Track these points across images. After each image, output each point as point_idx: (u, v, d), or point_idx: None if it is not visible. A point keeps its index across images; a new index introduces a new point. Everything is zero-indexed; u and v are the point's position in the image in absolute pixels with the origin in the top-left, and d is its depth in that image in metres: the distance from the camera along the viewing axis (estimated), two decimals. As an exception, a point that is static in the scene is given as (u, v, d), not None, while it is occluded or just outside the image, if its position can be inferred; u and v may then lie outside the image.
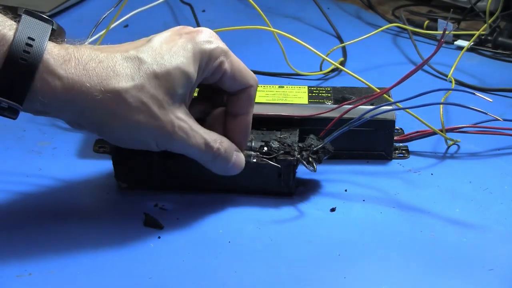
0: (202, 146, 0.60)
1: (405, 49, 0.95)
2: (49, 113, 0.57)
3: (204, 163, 0.62)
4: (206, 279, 0.57)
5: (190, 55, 0.58)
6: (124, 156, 0.65)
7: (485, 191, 0.67)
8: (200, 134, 0.60)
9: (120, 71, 0.56)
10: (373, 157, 0.71)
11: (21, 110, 0.55)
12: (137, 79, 0.56)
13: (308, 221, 0.63)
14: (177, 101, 0.58)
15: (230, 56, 0.61)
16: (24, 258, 0.58)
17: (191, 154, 0.60)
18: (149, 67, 0.57)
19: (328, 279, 0.57)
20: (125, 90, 0.56)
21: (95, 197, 0.66)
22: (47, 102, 0.55)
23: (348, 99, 0.71)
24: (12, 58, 0.53)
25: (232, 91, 0.62)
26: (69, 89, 0.55)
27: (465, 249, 0.60)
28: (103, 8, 0.80)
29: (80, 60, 0.55)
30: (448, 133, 0.72)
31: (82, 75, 0.55)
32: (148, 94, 0.57)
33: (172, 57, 0.58)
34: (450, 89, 0.79)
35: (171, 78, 0.57)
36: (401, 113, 0.71)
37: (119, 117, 0.56)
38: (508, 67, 0.90)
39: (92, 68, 0.56)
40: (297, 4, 1.07)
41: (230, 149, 0.62)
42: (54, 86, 0.54)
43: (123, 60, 0.57)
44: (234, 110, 0.63)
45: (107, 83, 0.56)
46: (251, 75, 0.62)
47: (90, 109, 0.56)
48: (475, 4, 0.98)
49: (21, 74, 0.53)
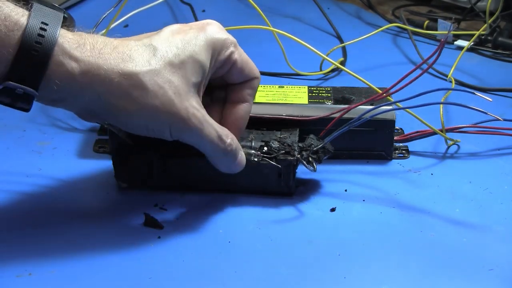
0: (215, 138, 0.60)
1: (405, 49, 0.95)
2: (64, 100, 0.56)
3: (213, 158, 0.61)
4: (206, 279, 0.57)
5: (202, 44, 0.59)
6: (124, 156, 0.65)
7: (485, 191, 0.67)
8: (213, 126, 0.60)
9: (136, 56, 0.56)
10: (373, 157, 0.71)
11: (36, 98, 0.55)
12: (154, 64, 0.57)
13: (308, 221, 0.63)
14: (191, 89, 0.58)
15: (238, 48, 0.62)
16: (24, 258, 0.58)
17: (203, 145, 0.60)
18: (164, 54, 0.57)
19: (328, 279, 0.57)
20: (142, 74, 0.56)
21: (95, 197, 0.66)
22: (63, 87, 0.54)
23: (348, 99, 0.71)
24: (27, 43, 0.53)
25: (237, 82, 0.63)
26: (86, 72, 0.55)
27: (465, 249, 0.60)
28: (103, 8, 0.80)
29: (95, 45, 0.56)
30: (448, 133, 0.72)
31: (98, 58, 0.55)
32: (165, 79, 0.57)
33: (185, 46, 0.58)
34: (450, 89, 0.79)
35: (185, 66, 0.58)
36: (401, 113, 0.71)
37: (136, 101, 0.56)
38: (508, 67, 0.90)
39: (107, 53, 0.56)
40: (297, 4, 1.07)
41: (238, 146, 0.62)
42: (70, 69, 0.54)
43: (138, 47, 0.57)
44: (236, 98, 0.63)
45: (124, 65, 0.56)
46: (256, 67, 0.63)
47: (107, 93, 0.55)
48: (475, 4, 0.98)
49: (35, 59, 0.53)
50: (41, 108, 0.78)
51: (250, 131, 0.67)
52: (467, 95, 0.63)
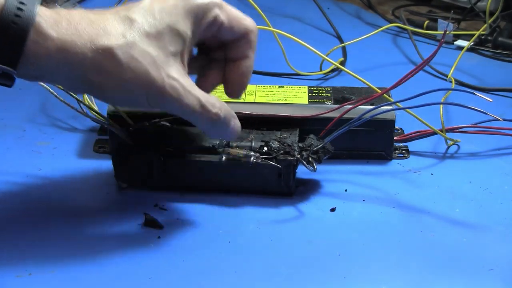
0: (196, 107, 0.58)
1: (405, 49, 0.95)
2: (44, 77, 0.57)
3: (202, 127, 0.60)
4: (206, 279, 0.57)
5: (181, 12, 0.58)
6: (124, 156, 0.65)
7: (485, 191, 0.67)
8: (194, 94, 0.58)
9: (111, 30, 0.56)
10: (373, 157, 0.71)
11: (16, 76, 0.54)
12: (129, 37, 0.56)
13: (308, 221, 0.63)
14: (170, 59, 0.57)
15: (224, 7, 0.60)
16: (24, 258, 0.58)
17: (186, 115, 0.59)
18: (140, 26, 0.56)
19: (328, 279, 0.57)
20: (116, 47, 0.55)
21: (95, 197, 0.66)
22: (40, 64, 0.54)
23: (348, 99, 0.71)
24: (3, 23, 0.53)
25: (232, 39, 0.62)
26: (61, 50, 0.54)
27: (465, 249, 0.60)
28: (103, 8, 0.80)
29: (71, 21, 0.55)
30: (448, 133, 0.72)
31: (73, 34, 0.55)
32: (140, 51, 0.56)
33: (163, 16, 0.57)
34: (450, 89, 0.79)
35: (163, 36, 0.57)
36: (401, 113, 0.71)
37: (111, 76, 0.56)
38: (508, 67, 0.90)
39: (82, 28, 0.55)
40: (297, 4, 1.07)
41: (229, 114, 0.60)
42: (46, 48, 0.54)
43: (114, 20, 0.57)
44: (234, 55, 0.62)
45: (98, 40, 0.55)
46: (248, 21, 0.61)
47: (83, 69, 0.55)
48: (475, 4, 0.98)
49: (13, 38, 0.53)
50: (41, 108, 0.78)
51: (250, 131, 0.67)
52: (467, 95, 0.63)
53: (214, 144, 0.65)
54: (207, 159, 0.65)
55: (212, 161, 0.65)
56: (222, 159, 0.64)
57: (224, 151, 0.65)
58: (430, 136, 0.72)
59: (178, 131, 0.67)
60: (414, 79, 0.65)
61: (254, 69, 0.64)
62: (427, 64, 0.66)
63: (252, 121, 0.66)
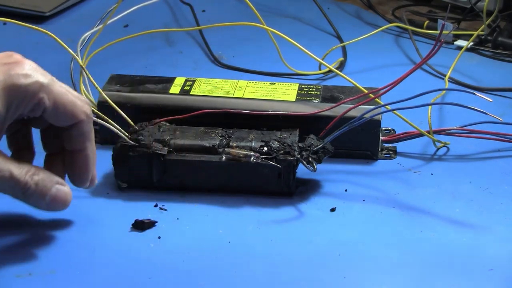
0: (7, 179, 0.55)
1: (405, 49, 0.94)
2: None
3: (18, 198, 0.57)
4: (206, 279, 0.57)
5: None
6: (124, 156, 0.65)
7: (485, 191, 0.67)
8: (3, 166, 0.55)
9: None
10: (358, 156, 0.71)
11: None
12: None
13: (308, 221, 0.63)
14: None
15: (52, 91, 0.55)
16: (24, 258, 0.58)
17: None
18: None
19: (328, 279, 0.57)
20: None
21: (95, 197, 0.66)
22: None
23: (337, 98, 0.71)
24: None
25: (62, 128, 0.58)
26: None
27: (465, 249, 0.60)
28: (103, 8, 0.80)
29: None
30: (437, 135, 0.71)
31: None
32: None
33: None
34: (449, 89, 0.79)
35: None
36: (395, 113, 0.71)
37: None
38: (508, 67, 0.90)
39: None
40: (297, 4, 1.07)
41: (45, 182, 0.57)
42: None
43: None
44: (69, 146, 0.59)
45: None
46: (79, 109, 0.57)
47: None
48: (475, 4, 0.98)
49: None
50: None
51: (250, 131, 0.67)
52: (467, 95, 0.63)
53: (214, 144, 0.65)
54: (207, 159, 0.65)
55: (212, 161, 0.65)
56: (222, 159, 0.64)
57: (224, 151, 0.65)
58: (418, 137, 0.72)
59: (178, 131, 0.67)
60: (413, 79, 0.65)
61: (252, 69, 0.64)
62: (420, 67, 0.66)
63: (240, 116, 0.66)
